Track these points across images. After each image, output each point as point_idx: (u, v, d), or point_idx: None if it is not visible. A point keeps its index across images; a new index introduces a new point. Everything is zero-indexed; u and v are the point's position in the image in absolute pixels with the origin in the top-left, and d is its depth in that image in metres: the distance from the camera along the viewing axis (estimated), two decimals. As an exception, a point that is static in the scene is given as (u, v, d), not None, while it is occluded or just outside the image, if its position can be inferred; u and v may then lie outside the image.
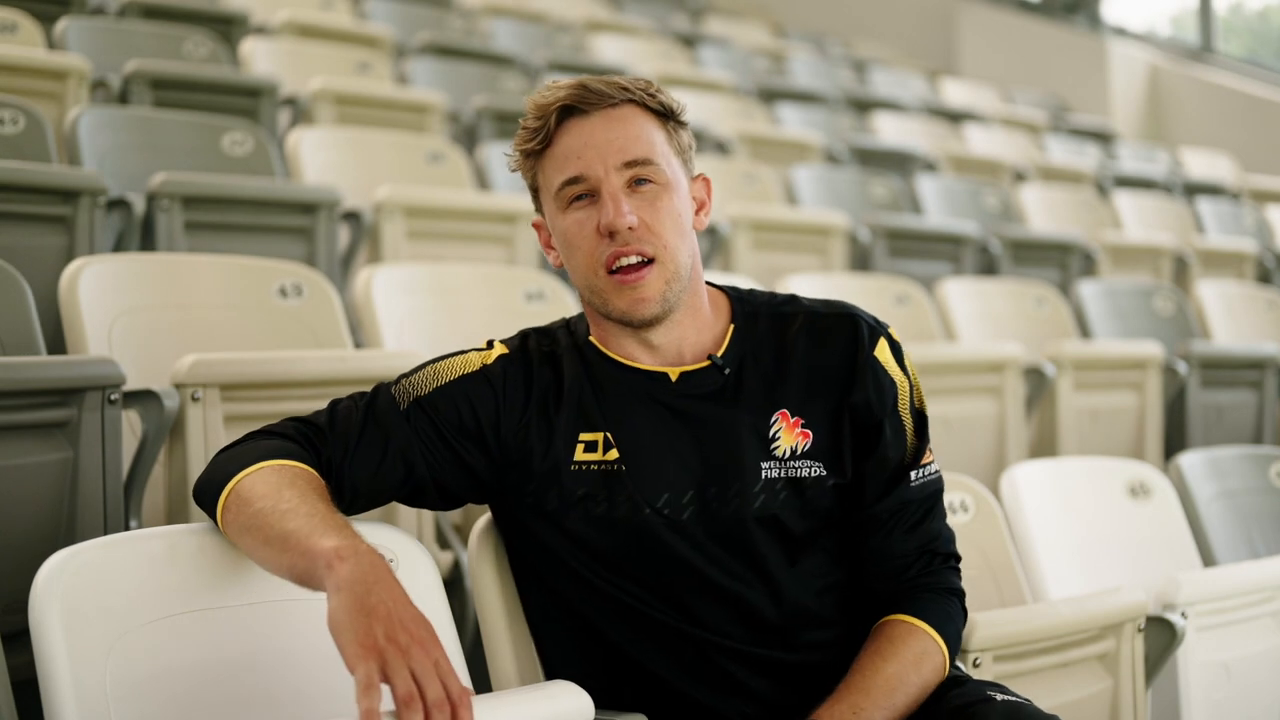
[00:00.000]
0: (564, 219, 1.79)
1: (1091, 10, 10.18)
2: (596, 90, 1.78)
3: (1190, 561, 2.74)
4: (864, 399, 1.83)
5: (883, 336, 1.86)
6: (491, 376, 1.81)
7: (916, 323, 3.95)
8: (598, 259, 1.77)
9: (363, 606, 1.44)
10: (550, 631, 1.85)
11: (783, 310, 1.89)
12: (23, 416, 2.05)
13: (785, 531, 1.80)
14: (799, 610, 1.80)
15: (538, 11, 7.46)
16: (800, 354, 1.84)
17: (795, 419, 1.82)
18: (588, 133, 1.77)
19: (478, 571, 1.90)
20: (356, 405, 1.78)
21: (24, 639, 1.56)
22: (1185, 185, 7.20)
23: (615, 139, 1.77)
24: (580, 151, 1.77)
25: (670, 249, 1.77)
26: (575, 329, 1.89)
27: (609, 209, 1.75)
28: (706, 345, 1.84)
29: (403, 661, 1.40)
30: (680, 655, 1.78)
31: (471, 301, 3.17)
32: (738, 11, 10.10)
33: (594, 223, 1.76)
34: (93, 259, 2.62)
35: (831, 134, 6.31)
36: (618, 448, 1.79)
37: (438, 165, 4.23)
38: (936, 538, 1.87)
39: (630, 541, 1.78)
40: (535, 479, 1.80)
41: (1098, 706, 2.13)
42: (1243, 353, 4.27)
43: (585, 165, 1.76)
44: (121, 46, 4.43)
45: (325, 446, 1.74)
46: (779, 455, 1.80)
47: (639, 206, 1.76)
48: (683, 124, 1.85)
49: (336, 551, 1.49)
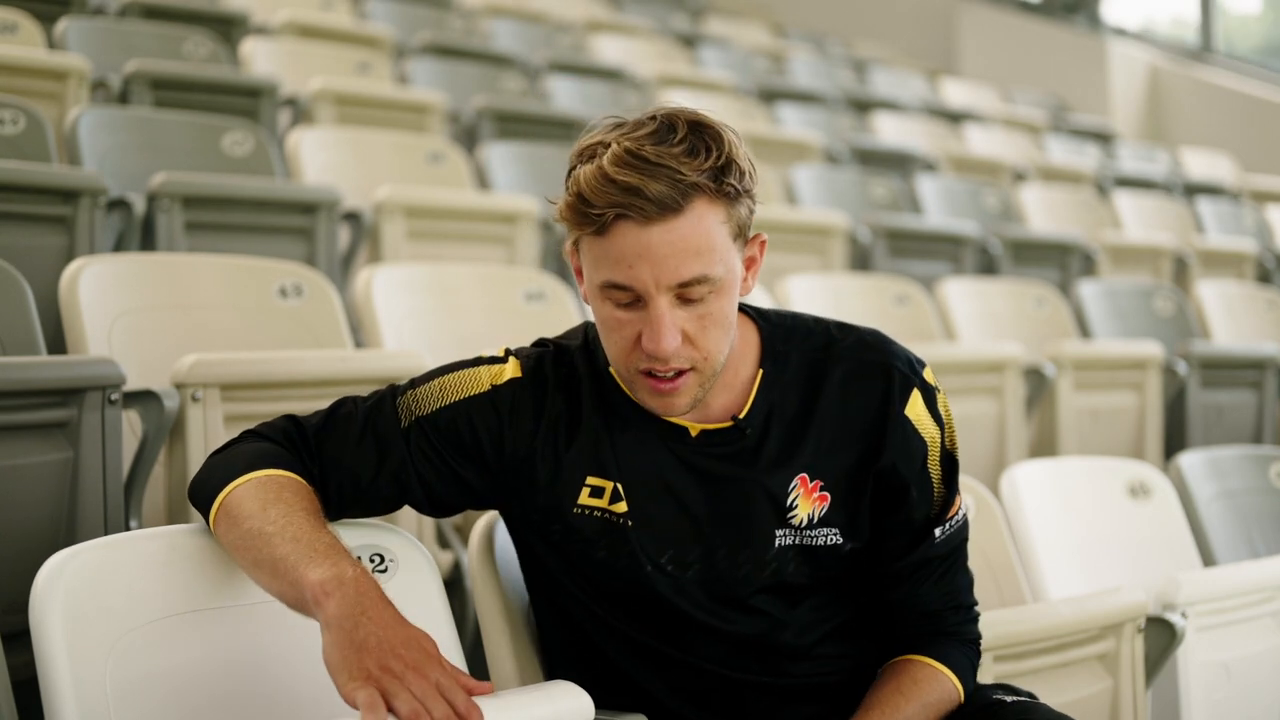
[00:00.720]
0: (603, 306, 1.64)
1: (1091, 10, 10.18)
2: (656, 198, 1.55)
3: (1190, 561, 2.74)
4: (890, 463, 1.72)
5: (916, 388, 1.74)
6: (499, 401, 1.72)
7: (916, 323, 3.95)
8: (631, 358, 1.64)
9: (352, 641, 1.42)
10: (552, 634, 1.84)
11: (815, 352, 1.75)
12: (23, 416, 2.05)
13: (789, 587, 1.74)
14: (799, 646, 1.76)
15: (538, 11, 7.46)
16: (827, 406, 1.72)
17: (815, 482, 1.72)
18: (643, 245, 1.57)
19: (478, 571, 1.90)
20: (358, 410, 1.73)
21: (24, 639, 1.56)
22: (1185, 185, 7.20)
23: (673, 255, 1.57)
24: (633, 261, 1.58)
25: (712, 357, 1.64)
26: (595, 351, 1.75)
27: (653, 334, 1.60)
28: (734, 395, 1.72)
29: (401, 687, 1.39)
30: (676, 679, 1.76)
31: (472, 301, 3.17)
32: (738, 11, 10.10)
33: (634, 330, 1.62)
34: (93, 259, 2.62)
35: (831, 134, 6.31)
36: (627, 500, 1.71)
37: (438, 165, 4.23)
38: (959, 590, 1.81)
39: (629, 590, 1.73)
40: (538, 509, 1.74)
41: (1098, 706, 2.12)
42: (1243, 353, 4.27)
43: (635, 278, 1.59)
44: (121, 46, 4.43)
45: (317, 452, 1.70)
46: (795, 524, 1.71)
47: (686, 320, 1.61)
48: (751, 195, 1.64)
49: (322, 586, 1.47)
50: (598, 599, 1.76)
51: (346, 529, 1.72)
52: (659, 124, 1.60)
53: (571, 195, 1.60)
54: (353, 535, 1.72)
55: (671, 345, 1.60)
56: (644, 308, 1.60)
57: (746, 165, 1.62)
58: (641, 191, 1.55)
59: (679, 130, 1.59)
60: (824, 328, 1.79)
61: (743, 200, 1.62)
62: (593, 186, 1.57)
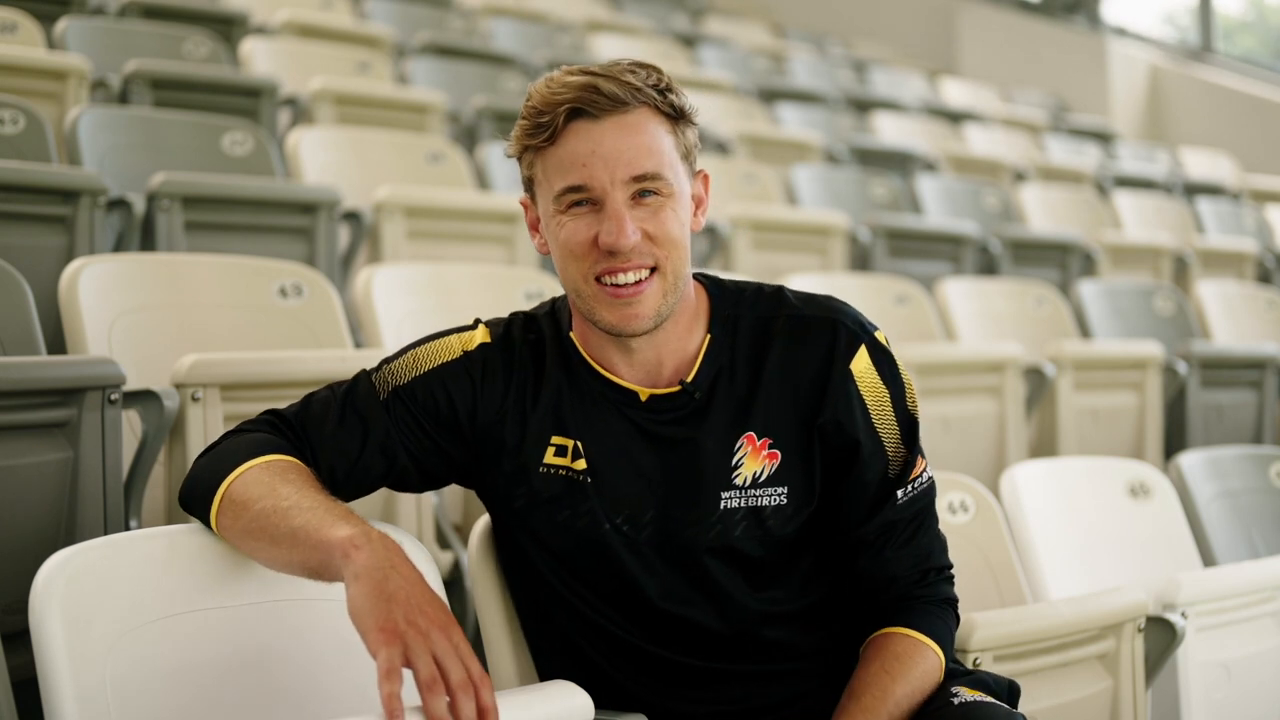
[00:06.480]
0: (560, 222, 1.71)
1: (1091, 10, 10.18)
2: (608, 93, 1.67)
3: (1190, 561, 2.74)
4: (833, 418, 1.75)
5: (863, 344, 1.77)
6: (470, 365, 1.77)
7: (916, 323, 3.95)
8: (589, 268, 1.70)
9: (382, 592, 1.45)
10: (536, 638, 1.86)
11: (765, 314, 1.80)
12: (23, 416, 2.05)
13: (745, 559, 1.75)
14: (761, 634, 1.76)
15: (538, 11, 7.46)
16: (774, 364, 1.76)
17: (762, 440, 1.75)
18: (595, 140, 1.67)
19: (478, 571, 1.90)
20: (335, 394, 1.76)
21: (24, 639, 1.56)
22: (1185, 185, 7.20)
23: (624, 150, 1.67)
24: (586, 159, 1.67)
25: (671, 259, 1.70)
26: (560, 316, 1.82)
27: (612, 227, 1.67)
28: (684, 359, 1.77)
29: (424, 645, 1.41)
30: (643, 667, 1.77)
31: (471, 301, 3.17)
32: (738, 11, 10.10)
33: (592, 232, 1.69)
34: (93, 259, 2.62)
35: (831, 134, 6.31)
36: (586, 458, 1.75)
37: (438, 165, 4.23)
38: (929, 553, 1.81)
39: (587, 551, 1.76)
40: (505, 475, 1.77)
41: (1098, 706, 2.12)
42: (1243, 353, 4.27)
43: (590, 175, 1.67)
44: (121, 46, 4.43)
45: (304, 437, 1.72)
46: (739, 484, 1.74)
47: (642, 219, 1.68)
48: (692, 123, 1.75)
49: (351, 540, 1.50)
50: (564, 576, 1.77)
51: (346, 529, 1.72)
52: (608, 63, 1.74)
53: (525, 114, 1.71)
54: (353, 535, 1.72)
55: (630, 237, 1.67)
56: (600, 210, 1.68)
57: (687, 103, 1.74)
58: (594, 87, 1.67)
59: (621, 64, 1.73)
60: (777, 290, 1.84)
61: (687, 126, 1.74)
62: (544, 95, 1.69)
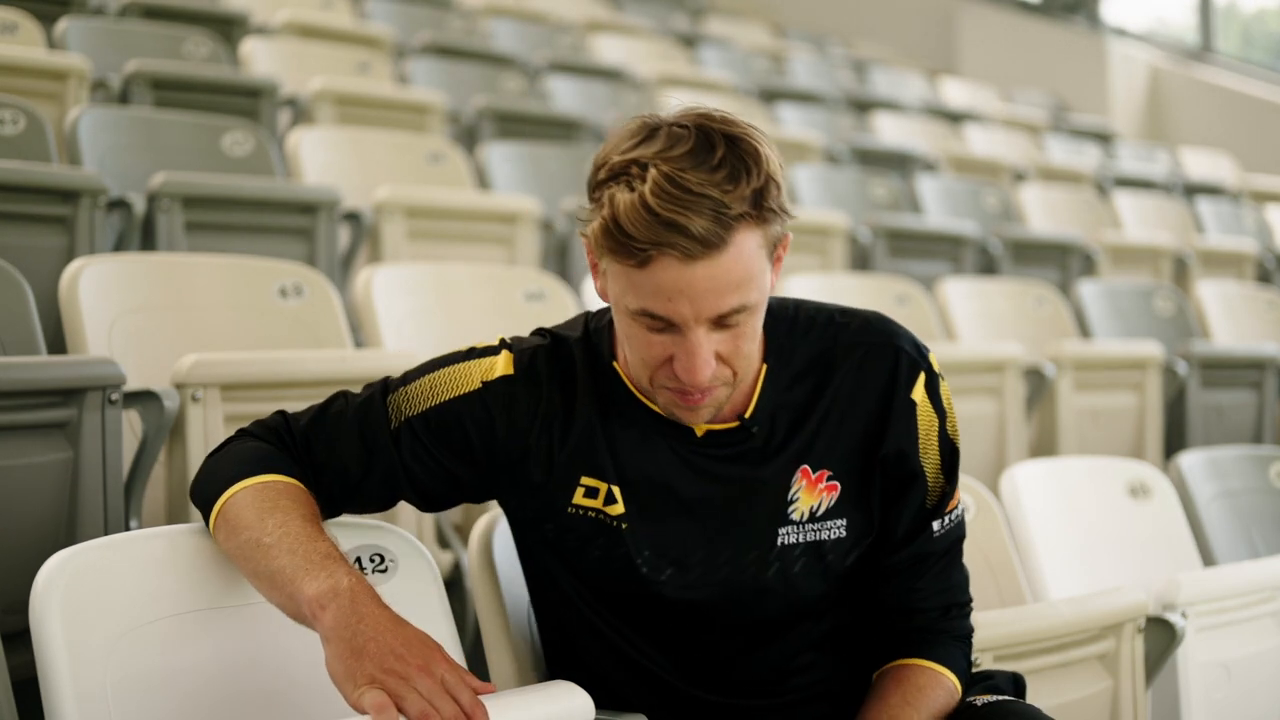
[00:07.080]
0: (632, 325, 1.58)
1: (1091, 10, 10.18)
2: (701, 237, 1.49)
3: (1190, 561, 2.74)
4: (896, 447, 1.69)
5: (922, 371, 1.70)
6: (490, 398, 1.67)
7: (916, 323, 3.94)
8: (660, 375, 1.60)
9: (351, 649, 1.43)
10: (549, 636, 1.84)
11: (821, 342, 1.71)
12: (23, 416, 2.05)
13: (798, 598, 1.70)
14: (791, 668, 1.74)
15: (538, 11, 7.46)
16: (833, 394, 1.69)
17: (819, 473, 1.69)
18: (685, 281, 1.51)
19: (478, 572, 1.90)
20: (349, 408, 1.70)
21: (24, 639, 1.56)
22: (1185, 185, 7.20)
23: (712, 290, 1.52)
24: (672, 295, 1.52)
25: (741, 373, 1.62)
26: (598, 345, 1.71)
27: (688, 365, 1.56)
28: (740, 392, 1.67)
29: (408, 687, 1.40)
30: (661, 696, 1.74)
31: (471, 301, 3.17)
32: (738, 11, 10.09)
33: (667, 353, 1.57)
34: (93, 259, 2.62)
35: (831, 134, 6.31)
36: (624, 502, 1.67)
37: (438, 165, 4.23)
38: (956, 587, 1.78)
39: (624, 590, 1.71)
40: (533, 506, 1.72)
41: (1098, 706, 2.12)
42: (1243, 353, 4.27)
43: (674, 310, 1.54)
44: (121, 46, 4.43)
45: (308, 453, 1.68)
46: (796, 519, 1.68)
47: (720, 342, 1.57)
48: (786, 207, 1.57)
49: (318, 600, 1.47)
50: (591, 599, 1.74)
51: (347, 529, 1.72)
52: (695, 139, 1.52)
53: (608, 220, 1.53)
54: (353, 535, 1.72)
55: (707, 375, 1.56)
56: (678, 333, 1.56)
57: (780, 175, 1.56)
58: (686, 230, 1.49)
59: (717, 148, 1.52)
60: (827, 316, 1.74)
61: (780, 216, 1.57)
62: (632, 218, 1.50)
